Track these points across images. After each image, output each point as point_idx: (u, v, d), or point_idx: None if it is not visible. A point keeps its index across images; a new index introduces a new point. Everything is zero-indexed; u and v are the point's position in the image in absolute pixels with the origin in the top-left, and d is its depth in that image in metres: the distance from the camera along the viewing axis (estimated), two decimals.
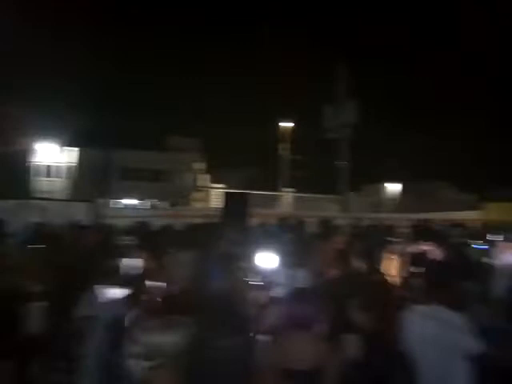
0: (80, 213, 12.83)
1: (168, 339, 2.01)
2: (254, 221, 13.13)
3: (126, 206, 26.34)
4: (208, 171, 33.45)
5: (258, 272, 5.27)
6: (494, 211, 14.57)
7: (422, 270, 4.63)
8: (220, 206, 16.38)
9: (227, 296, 3.13)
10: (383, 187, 33.98)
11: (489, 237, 6.93)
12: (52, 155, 29.73)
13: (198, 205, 30.68)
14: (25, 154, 28.12)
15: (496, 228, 10.84)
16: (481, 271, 5.01)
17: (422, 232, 7.78)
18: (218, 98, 33.62)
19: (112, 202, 26.49)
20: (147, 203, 28.83)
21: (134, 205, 28.24)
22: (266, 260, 5.22)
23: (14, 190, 24.14)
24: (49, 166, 29.93)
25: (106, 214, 14.83)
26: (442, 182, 30.98)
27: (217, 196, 26.60)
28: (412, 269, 4.76)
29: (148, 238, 7.55)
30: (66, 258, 4.98)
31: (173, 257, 6.12)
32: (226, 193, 18.17)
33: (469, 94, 30.14)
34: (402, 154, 28.14)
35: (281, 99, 30.67)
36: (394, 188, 34.40)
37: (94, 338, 2.98)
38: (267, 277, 5.13)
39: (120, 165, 29.54)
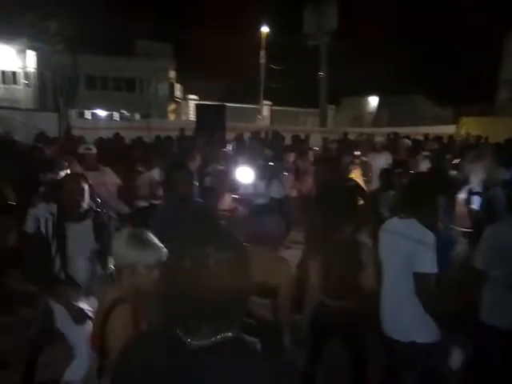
0: (45, 123, 12.10)
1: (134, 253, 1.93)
2: (230, 134, 12.79)
3: (95, 117, 25.18)
4: (182, 81, 31.70)
5: (236, 185, 5.20)
6: (469, 126, 14.59)
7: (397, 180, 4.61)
8: (194, 119, 15.82)
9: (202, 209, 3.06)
10: (363, 100, 33.41)
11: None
12: (11, 60, 27.30)
13: (172, 117, 29.63)
14: None
15: (470, 143, 10.94)
16: (453, 185, 5.02)
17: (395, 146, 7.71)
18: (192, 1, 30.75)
19: (79, 113, 25.29)
20: (118, 114, 27.58)
21: (104, 116, 27.01)
22: (243, 174, 5.13)
23: None
24: (7, 72, 27.67)
25: (74, 125, 14.10)
26: (419, 96, 30.65)
27: (192, 108, 25.56)
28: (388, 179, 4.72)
29: (118, 152, 7.22)
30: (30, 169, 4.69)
31: (143, 174, 5.90)
32: (201, 105, 17.44)
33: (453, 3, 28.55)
34: (382, 66, 27.22)
35: (260, 2, 28.35)
36: (372, 102, 33.89)
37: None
38: (245, 190, 5.07)
39: (86, 72, 27.59)
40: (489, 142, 10.07)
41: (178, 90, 31.88)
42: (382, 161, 6.27)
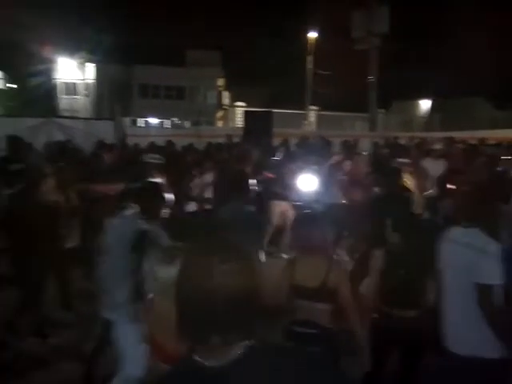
0: (103, 131, 12.74)
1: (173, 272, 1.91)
2: (277, 140, 12.83)
3: (147, 125, 26.20)
4: (230, 88, 32.27)
5: (287, 192, 5.21)
6: None
7: (457, 188, 4.41)
8: (242, 126, 16.06)
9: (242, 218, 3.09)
10: (413, 104, 32.34)
11: None
12: (72, 72, 29.15)
13: (220, 124, 30.21)
14: (46, 71, 27.70)
15: None
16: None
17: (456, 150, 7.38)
18: (240, 8, 31.31)
19: (133, 121, 26.43)
20: (168, 122, 28.55)
21: (155, 123, 28.05)
22: (298, 180, 5.12)
23: (36, 107, 24.27)
24: (69, 84, 29.52)
25: (128, 133, 14.76)
26: (475, 98, 29.18)
27: (240, 115, 25.94)
28: (444, 187, 4.54)
29: (171, 158, 7.44)
30: (91, 176, 4.96)
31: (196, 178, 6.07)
32: (248, 111, 17.66)
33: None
34: (434, 69, 26.26)
35: (306, 7, 28.34)
36: (424, 105, 32.69)
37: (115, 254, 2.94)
38: (299, 196, 5.07)
39: (139, 81, 28.84)
40: None
41: (225, 98, 32.50)
42: (437, 167, 6.03)
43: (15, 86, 29.07)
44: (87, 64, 28.78)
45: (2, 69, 26.81)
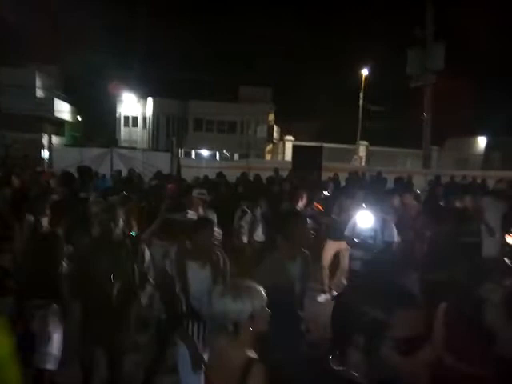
0: (159, 162, 13.38)
1: (238, 307, 1.92)
2: (327, 174, 12.80)
3: (198, 157, 27.11)
4: (280, 122, 32.91)
5: (340, 227, 5.08)
6: None
7: None
8: (290, 159, 16.19)
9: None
10: (469, 141, 31.14)
11: None
12: (132, 105, 31.10)
13: (269, 157, 30.64)
14: (109, 104, 29.80)
15: None
16: None
17: None
18: (293, 46, 32.25)
19: (185, 152, 27.47)
20: (218, 154, 29.41)
21: (207, 155, 28.99)
22: (357, 217, 4.99)
23: (100, 138, 25.99)
24: (129, 116, 31.45)
25: (183, 164, 15.38)
26: None
27: (289, 148, 26.23)
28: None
29: (226, 190, 7.57)
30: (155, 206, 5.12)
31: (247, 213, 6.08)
32: (298, 146, 17.83)
33: None
34: (491, 105, 25.32)
35: (359, 44, 28.70)
36: (481, 142, 31.38)
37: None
38: (355, 233, 4.92)
39: (194, 116, 30.16)
40: None
41: (275, 131, 33.11)
42: (500, 208, 5.72)
43: (80, 118, 31.40)
44: (148, 99, 30.66)
45: (71, 102, 29.10)
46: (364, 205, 5.37)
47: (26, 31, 20.23)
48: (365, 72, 26.43)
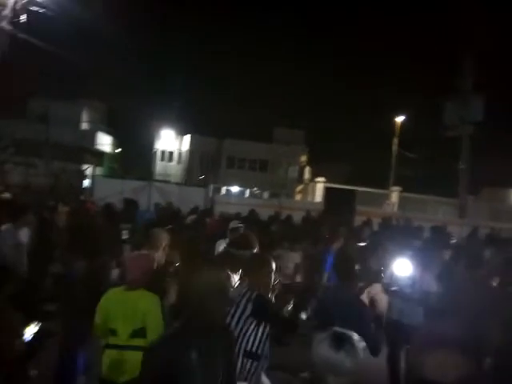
0: (194, 196, 13.70)
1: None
2: (358, 218, 12.70)
3: (228, 193, 27.49)
4: (312, 164, 33.19)
5: (384, 275, 5.01)
6: None
7: None
8: (320, 200, 16.24)
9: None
10: (505, 192, 30.30)
11: None
12: (170, 141, 32.31)
13: (298, 197, 30.72)
14: (148, 138, 31.13)
15: None
16: None
17: None
18: (330, 90, 32.88)
19: (217, 188, 27.97)
20: (248, 192, 29.72)
21: (236, 192, 29.36)
22: (398, 265, 4.93)
23: (136, 170, 26.97)
24: (166, 151, 32.58)
25: (215, 200, 15.67)
26: None
27: (319, 189, 26.25)
28: None
29: (260, 228, 7.66)
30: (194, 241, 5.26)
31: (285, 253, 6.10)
32: (330, 188, 17.85)
33: None
34: None
35: (394, 91, 29.09)
36: None
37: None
38: (393, 280, 4.86)
39: (228, 154, 30.91)
40: None
41: (306, 172, 33.34)
42: None
43: (119, 151, 32.78)
44: (184, 135, 31.85)
45: (112, 135, 30.55)
46: (404, 251, 5.31)
47: (80, 69, 21.78)
48: (399, 119, 26.59)
